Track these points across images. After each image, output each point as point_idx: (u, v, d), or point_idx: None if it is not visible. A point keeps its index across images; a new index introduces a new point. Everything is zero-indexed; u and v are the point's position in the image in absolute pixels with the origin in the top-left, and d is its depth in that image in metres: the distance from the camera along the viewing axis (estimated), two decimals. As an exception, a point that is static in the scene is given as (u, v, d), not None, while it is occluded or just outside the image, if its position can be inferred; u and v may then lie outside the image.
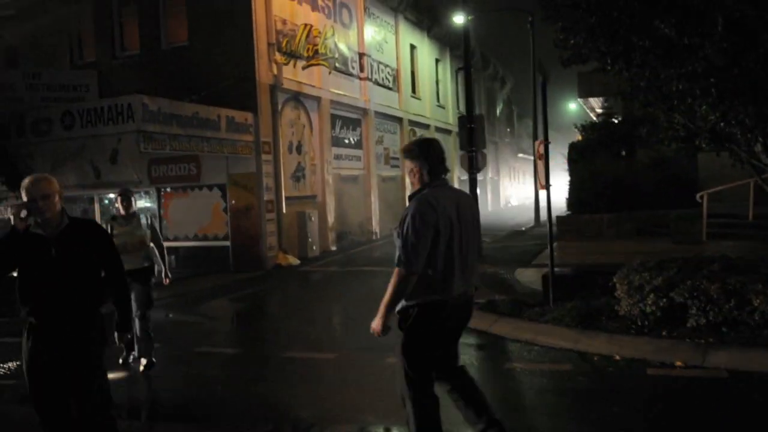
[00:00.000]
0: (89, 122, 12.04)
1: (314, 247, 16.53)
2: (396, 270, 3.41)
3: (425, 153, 3.62)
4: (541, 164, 7.94)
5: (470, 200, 3.85)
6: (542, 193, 13.61)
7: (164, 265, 6.91)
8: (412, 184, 3.70)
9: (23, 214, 3.37)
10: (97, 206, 16.04)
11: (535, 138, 20.46)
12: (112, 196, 15.72)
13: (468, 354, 6.48)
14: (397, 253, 3.43)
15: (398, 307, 3.55)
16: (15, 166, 12.37)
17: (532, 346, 6.66)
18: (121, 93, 13.20)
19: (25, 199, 3.45)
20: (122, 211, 6.58)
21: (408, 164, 3.68)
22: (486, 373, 6.08)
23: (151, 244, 6.75)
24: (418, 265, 3.38)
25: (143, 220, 6.70)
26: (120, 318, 3.87)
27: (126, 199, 6.61)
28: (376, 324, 3.57)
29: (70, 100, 14.30)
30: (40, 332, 3.50)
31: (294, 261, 15.32)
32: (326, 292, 12.12)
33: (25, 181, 3.52)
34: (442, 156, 3.63)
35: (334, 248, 17.86)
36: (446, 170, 3.67)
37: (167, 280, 6.97)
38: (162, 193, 15.60)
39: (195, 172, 14.91)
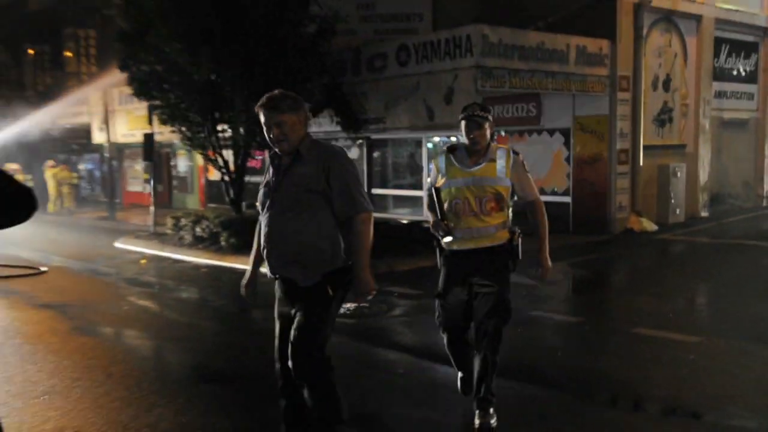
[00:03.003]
0: (425, 57, 13.74)
1: (678, 211, 16.46)
2: None
3: None
4: None
5: None
6: None
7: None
8: None
9: None
10: (424, 150, 18.10)
11: None
12: (437, 139, 17.64)
13: None
14: None
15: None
16: (349, 106, 14.73)
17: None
18: (456, 22, 14.69)
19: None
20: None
21: None
22: None
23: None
24: None
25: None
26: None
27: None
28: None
29: (404, 32, 16.33)
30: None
31: (650, 226, 15.51)
32: (688, 266, 12.24)
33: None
34: None
35: (705, 214, 17.51)
36: None
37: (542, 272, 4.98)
38: (495, 137, 16.95)
39: (535, 113, 15.90)
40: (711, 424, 5.11)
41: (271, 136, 3.95)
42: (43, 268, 12.57)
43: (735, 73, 19.07)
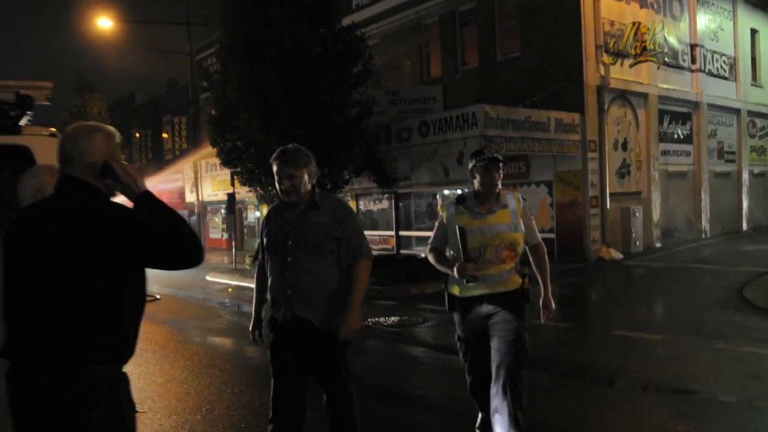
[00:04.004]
0: (440, 130, 14.21)
1: (637, 243, 16.63)
2: None
3: None
4: None
5: None
6: None
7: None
8: None
9: None
10: (439, 199, 18.48)
11: None
12: (447, 192, 18.01)
13: None
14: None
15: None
16: (383, 168, 15.19)
17: None
18: (462, 102, 15.18)
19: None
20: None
21: None
22: None
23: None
24: None
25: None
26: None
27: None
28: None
29: (422, 111, 16.86)
30: None
31: (617, 255, 15.69)
32: (649, 284, 12.40)
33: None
34: None
35: (658, 245, 17.65)
36: None
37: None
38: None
39: (524, 170, 16.29)
40: (672, 394, 5.38)
41: (282, 187, 3.43)
42: (157, 296, 13.00)
43: (675, 136, 19.31)
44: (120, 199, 2.36)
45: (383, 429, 4.76)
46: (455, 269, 3.79)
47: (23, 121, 3.53)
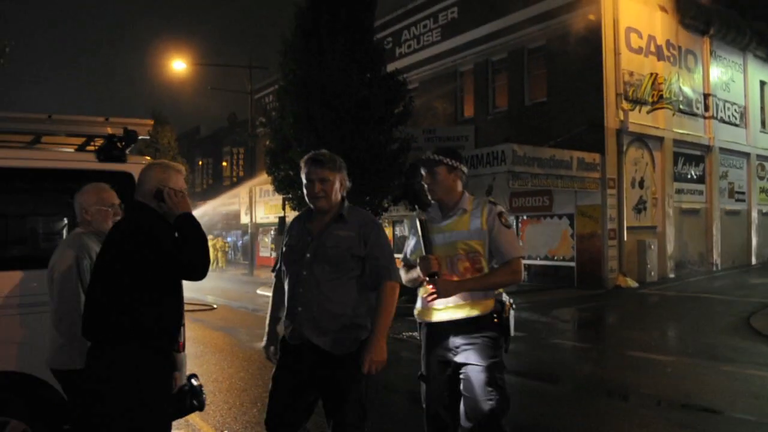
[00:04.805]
0: (472, 165, 14.35)
1: (652, 273, 16.42)
2: None
3: None
4: None
5: None
6: None
7: None
8: None
9: None
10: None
11: None
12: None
13: None
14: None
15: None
16: (419, 198, 15.35)
17: None
18: (492, 142, 15.32)
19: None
20: None
21: None
22: None
23: None
24: None
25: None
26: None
27: None
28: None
29: (456, 148, 17.04)
30: None
31: (633, 283, 15.51)
32: (662, 311, 12.25)
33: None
34: None
35: (672, 275, 17.37)
36: None
37: None
38: (520, 219, 17.37)
39: (548, 203, 16.30)
40: (682, 410, 5.39)
41: (313, 191, 2.88)
42: (214, 306, 13.35)
43: (689, 176, 19.10)
44: None
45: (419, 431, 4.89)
46: (419, 267, 3.03)
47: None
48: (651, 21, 17.31)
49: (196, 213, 2.94)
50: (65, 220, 3.71)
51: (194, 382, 3.14)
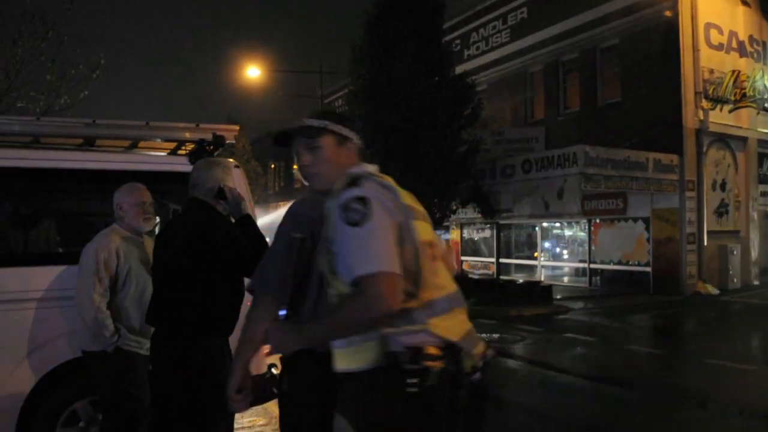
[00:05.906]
0: (542, 167, 14.20)
1: (735, 280, 15.64)
2: None
3: None
4: None
5: None
6: None
7: None
8: None
9: None
10: (538, 231, 18.31)
11: None
12: (545, 224, 17.82)
13: None
14: None
15: None
16: (487, 201, 15.31)
17: None
18: (563, 143, 15.07)
19: None
20: None
21: None
22: None
23: None
24: None
25: None
26: None
27: None
28: None
29: (524, 150, 16.87)
30: None
31: (713, 290, 14.84)
32: (744, 319, 11.71)
33: None
34: None
35: (756, 282, 16.47)
36: None
37: None
38: (592, 222, 16.95)
39: (622, 206, 15.79)
40: (764, 419, 5.19)
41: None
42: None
43: (777, 178, 18.11)
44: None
45: (488, 425, 4.96)
46: None
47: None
48: (732, 16, 16.53)
49: (274, 216, 3.18)
50: (157, 219, 4.02)
51: (273, 371, 3.35)
